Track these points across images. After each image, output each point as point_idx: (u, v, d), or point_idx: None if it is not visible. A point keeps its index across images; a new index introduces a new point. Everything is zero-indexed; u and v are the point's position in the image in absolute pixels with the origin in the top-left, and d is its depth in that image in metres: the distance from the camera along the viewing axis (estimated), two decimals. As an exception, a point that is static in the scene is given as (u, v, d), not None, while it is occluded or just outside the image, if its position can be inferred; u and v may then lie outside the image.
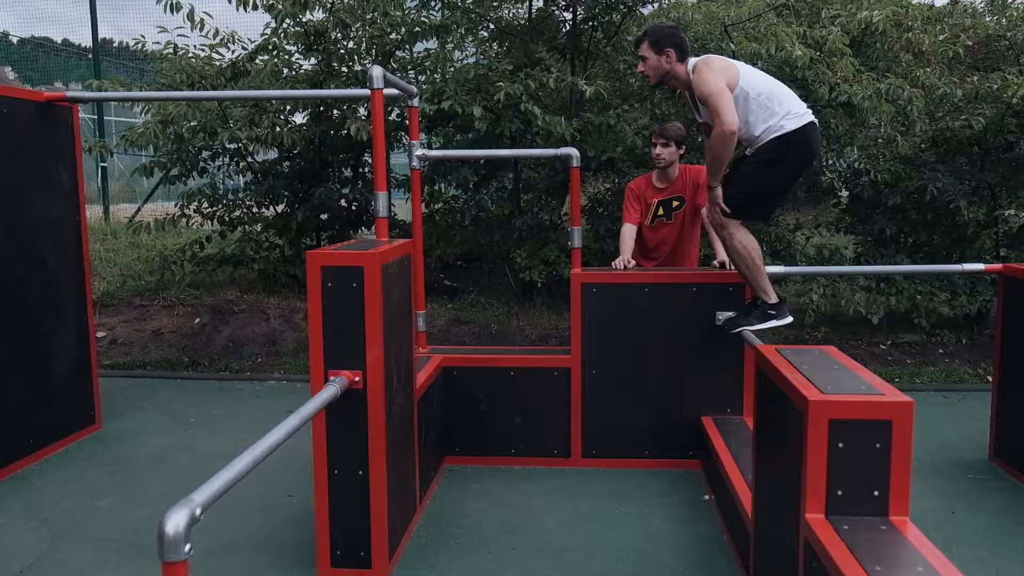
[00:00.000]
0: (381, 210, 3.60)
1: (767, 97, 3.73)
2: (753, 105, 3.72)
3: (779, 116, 3.73)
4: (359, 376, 3.05)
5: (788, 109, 3.75)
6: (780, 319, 3.92)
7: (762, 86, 3.78)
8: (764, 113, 3.72)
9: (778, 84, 3.87)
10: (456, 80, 6.03)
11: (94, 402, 5.02)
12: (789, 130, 3.71)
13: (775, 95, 3.76)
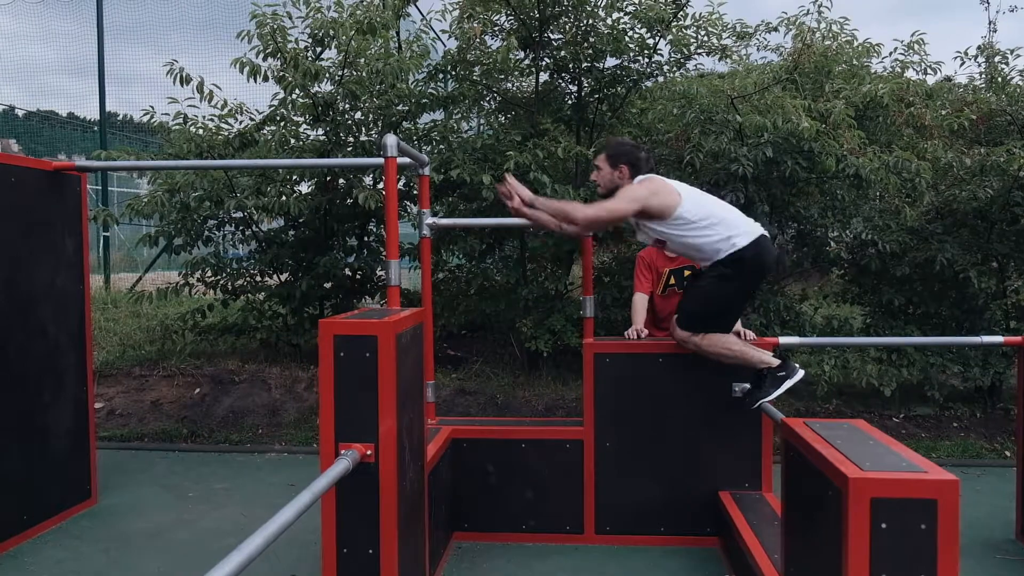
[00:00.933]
0: (393, 278, 3.55)
1: (714, 219, 3.77)
2: (698, 230, 3.76)
3: (727, 236, 3.75)
4: (371, 449, 2.94)
5: (737, 227, 3.78)
6: (793, 376, 3.86)
7: (706, 209, 3.81)
8: (711, 235, 3.75)
9: (723, 205, 3.92)
10: (464, 150, 6.06)
11: (90, 476, 4.87)
12: (741, 247, 3.74)
13: (720, 216, 3.80)
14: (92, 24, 10.84)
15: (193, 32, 11.16)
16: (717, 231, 3.76)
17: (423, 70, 6.67)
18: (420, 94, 6.44)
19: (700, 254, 3.85)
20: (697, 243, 3.79)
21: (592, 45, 6.43)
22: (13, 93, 16.91)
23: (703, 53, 6.97)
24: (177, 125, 6.56)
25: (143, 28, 10.41)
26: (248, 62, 6.12)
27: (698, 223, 3.76)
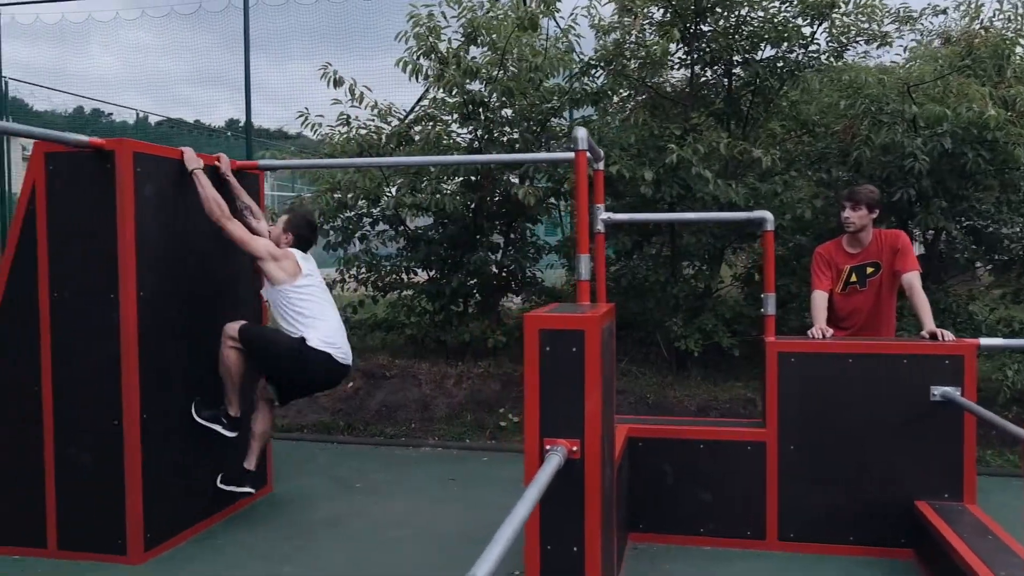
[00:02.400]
0: (584, 273, 3.50)
1: None
2: None
3: None
4: (577, 445, 2.91)
5: None
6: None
7: None
8: None
9: None
10: (619, 145, 5.98)
11: (266, 464, 5.05)
12: None
13: None
14: (219, 36, 11.29)
15: (312, 40, 11.51)
16: None
17: (573, 66, 6.63)
18: (574, 90, 6.40)
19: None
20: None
21: (748, 35, 6.22)
22: (145, 103, 17.85)
23: (862, 41, 6.65)
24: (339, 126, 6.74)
25: (264, 39, 10.79)
26: (411, 61, 6.23)
27: None
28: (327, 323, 4.27)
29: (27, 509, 3.98)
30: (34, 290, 3.94)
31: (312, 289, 4.28)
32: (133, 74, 15.73)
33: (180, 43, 13.87)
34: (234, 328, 4.22)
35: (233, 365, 4.24)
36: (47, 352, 3.95)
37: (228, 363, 4.23)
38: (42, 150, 3.91)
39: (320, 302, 4.30)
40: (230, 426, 4.36)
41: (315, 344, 4.17)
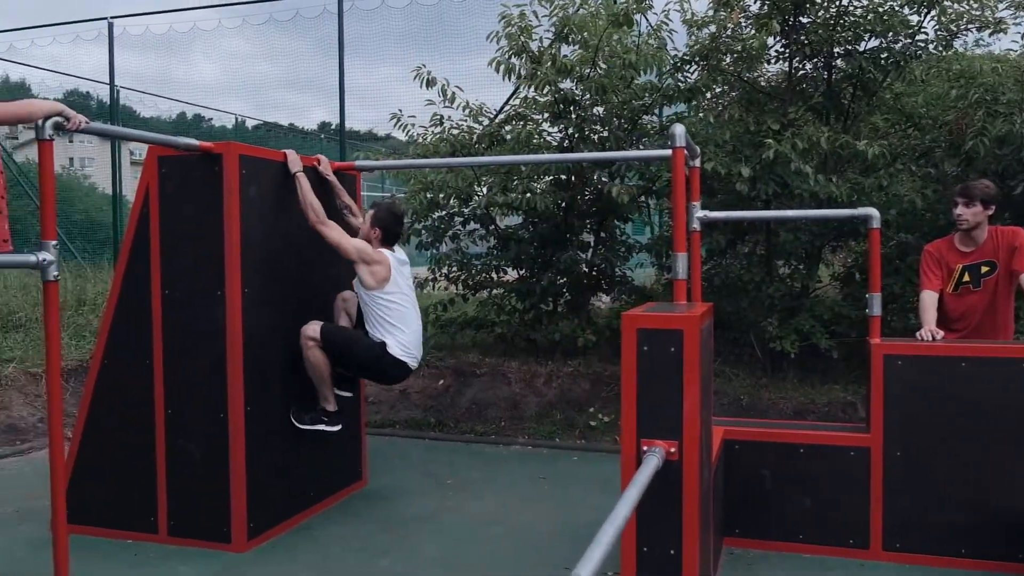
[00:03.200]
0: (680, 272, 3.45)
1: None
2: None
3: None
4: (675, 447, 2.86)
5: None
6: None
7: None
8: None
9: None
10: (715, 142, 5.86)
11: (361, 459, 5.16)
12: None
13: None
14: (313, 41, 11.57)
15: (401, 44, 11.69)
16: None
17: (666, 63, 6.53)
18: (667, 87, 6.31)
19: None
20: None
21: (850, 26, 6.00)
22: (241, 107, 18.46)
23: (973, 28, 6.32)
24: (432, 126, 6.84)
25: (356, 43, 11.01)
26: (504, 61, 6.27)
27: None
28: (409, 332, 4.39)
29: (140, 496, 4.18)
30: (147, 289, 4.13)
31: (399, 297, 4.36)
32: (232, 80, 16.34)
33: (276, 49, 14.34)
34: (314, 329, 4.31)
35: (320, 364, 4.34)
36: (159, 347, 4.13)
37: (314, 362, 4.33)
38: (155, 154, 4.09)
39: (405, 310, 4.39)
40: (331, 422, 4.48)
41: (395, 352, 4.33)
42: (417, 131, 7.28)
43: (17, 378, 6.73)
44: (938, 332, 4.04)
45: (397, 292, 4.35)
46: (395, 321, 4.34)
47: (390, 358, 4.32)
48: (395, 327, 4.33)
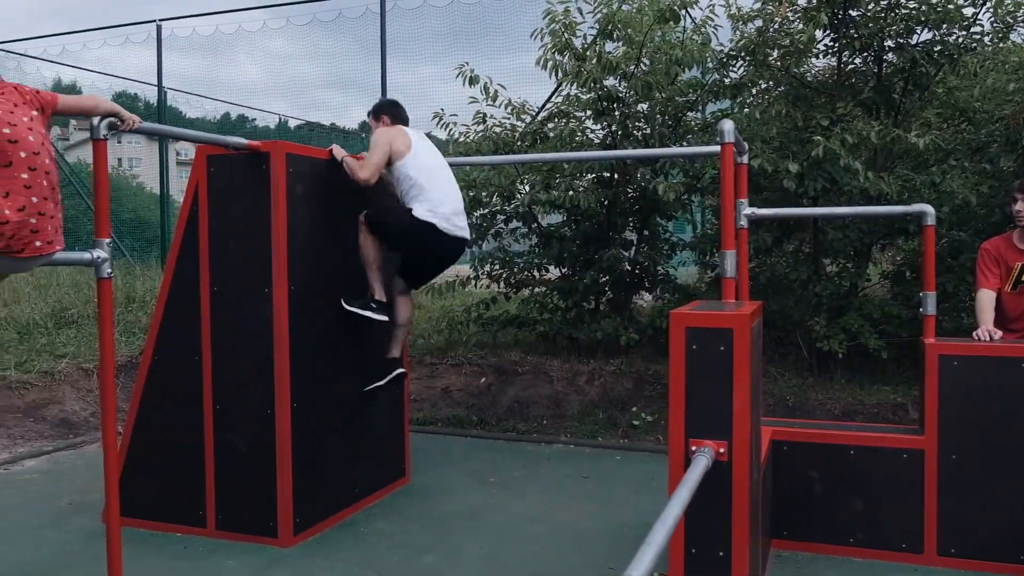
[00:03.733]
0: (729, 270, 3.40)
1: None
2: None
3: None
4: (724, 447, 2.81)
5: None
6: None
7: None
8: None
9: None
10: (761, 138, 5.77)
11: (404, 456, 5.18)
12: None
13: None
14: (355, 41, 11.65)
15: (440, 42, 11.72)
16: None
17: (712, 58, 6.45)
18: (713, 83, 6.23)
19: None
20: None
21: (902, 19, 5.87)
22: (284, 107, 18.69)
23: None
24: (474, 124, 6.85)
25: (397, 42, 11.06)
26: (551, 58, 6.24)
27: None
28: (435, 194, 4.40)
29: (189, 491, 4.24)
30: (196, 286, 4.19)
31: (418, 165, 4.41)
32: (274, 81, 16.55)
33: (319, 49, 14.45)
34: (365, 212, 4.44)
35: (368, 249, 4.42)
36: (207, 344, 4.19)
37: (364, 248, 4.43)
38: (204, 153, 4.14)
39: (428, 177, 4.42)
40: (379, 310, 4.47)
41: (420, 215, 4.34)
42: (459, 130, 7.30)
43: (70, 373, 6.89)
44: (996, 332, 3.94)
45: (417, 161, 4.41)
46: (419, 183, 4.37)
47: (417, 222, 4.33)
48: (420, 189, 4.37)
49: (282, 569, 3.84)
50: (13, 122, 2.53)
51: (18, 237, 2.53)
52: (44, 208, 2.59)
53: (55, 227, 2.66)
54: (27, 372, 6.66)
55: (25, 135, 2.55)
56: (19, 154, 2.52)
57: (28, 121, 2.60)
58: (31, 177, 2.54)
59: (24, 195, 2.53)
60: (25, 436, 6.11)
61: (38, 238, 2.59)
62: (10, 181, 2.50)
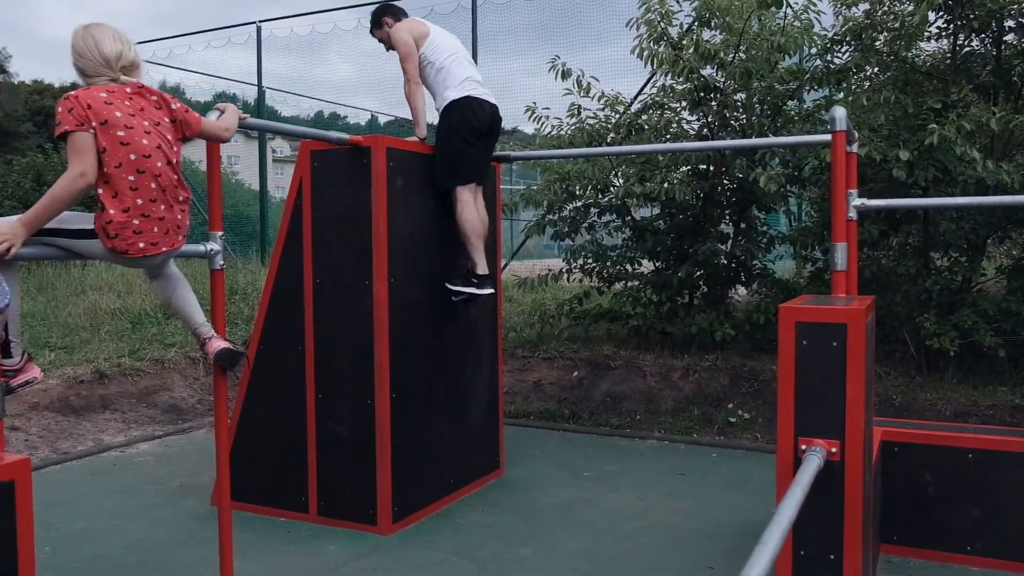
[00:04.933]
0: (840, 263, 3.27)
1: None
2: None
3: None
4: (836, 447, 2.71)
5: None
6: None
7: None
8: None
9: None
10: (869, 126, 5.53)
11: (499, 448, 5.20)
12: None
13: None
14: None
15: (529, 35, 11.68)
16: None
17: (814, 44, 6.23)
18: (815, 70, 6.02)
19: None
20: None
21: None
22: (374, 104, 19.00)
23: None
24: (568, 117, 6.81)
25: (487, 36, 11.08)
26: (647, 47, 6.15)
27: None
28: (460, 70, 4.48)
29: (293, 477, 4.36)
30: (299, 278, 4.30)
31: (440, 44, 4.50)
32: (365, 78, 16.85)
33: (409, 46, 14.63)
34: (440, 178, 4.47)
35: (466, 221, 4.44)
36: (310, 334, 4.29)
37: (461, 220, 4.44)
38: (308, 148, 4.24)
39: (449, 53, 4.50)
40: (481, 284, 4.48)
41: (456, 95, 4.42)
42: (554, 122, 7.28)
43: (179, 361, 7.19)
44: None
45: (436, 44, 4.49)
46: (446, 69, 4.45)
47: (456, 104, 4.41)
48: (448, 76, 4.45)
49: (383, 556, 3.91)
50: (131, 125, 2.62)
51: (122, 237, 2.61)
52: (149, 210, 2.66)
53: (164, 229, 2.72)
54: (140, 360, 6.98)
55: (139, 138, 2.63)
56: (129, 156, 2.60)
57: (148, 125, 2.68)
58: (138, 179, 2.63)
59: (130, 196, 2.62)
60: (139, 421, 6.41)
61: (141, 239, 2.66)
62: (120, 182, 2.60)
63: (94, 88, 2.65)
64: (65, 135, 2.54)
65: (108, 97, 2.63)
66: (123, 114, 2.62)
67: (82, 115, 2.54)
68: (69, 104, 2.55)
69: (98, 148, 2.57)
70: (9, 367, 2.69)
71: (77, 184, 2.53)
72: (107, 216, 2.60)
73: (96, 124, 2.56)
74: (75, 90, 2.62)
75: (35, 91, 40.49)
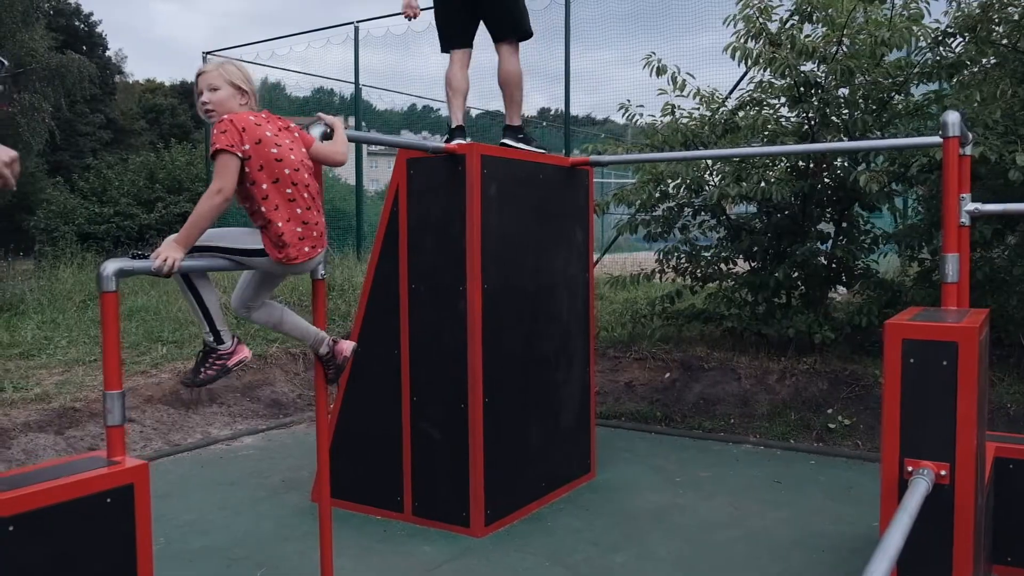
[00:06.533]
0: (951, 275, 3.13)
1: None
2: None
3: None
4: (946, 470, 2.60)
5: None
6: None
7: None
8: None
9: None
10: (984, 123, 5.25)
11: (590, 451, 5.20)
12: None
13: None
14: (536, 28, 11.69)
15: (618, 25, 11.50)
16: None
17: (925, 36, 5.94)
18: (925, 63, 5.74)
19: None
20: None
21: None
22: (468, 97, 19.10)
23: None
24: (663, 116, 6.73)
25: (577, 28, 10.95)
26: (740, 47, 6.01)
27: None
28: None
29: (388, 477, 4.47)
30: (396, 283, 4.40)
31: None
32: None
33: (499, 38, 14.68)
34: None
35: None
36: (405, 339, 4.39)
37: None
38: (404, 156, 4.33)
39: None
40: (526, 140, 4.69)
41: None
42: (644, 119, 7.19)
43: (279, 357, 7.47)
44: None
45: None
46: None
47: None
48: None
49: (476, 558, 3.97)
50: (279, 143, 2.89)
51: (291, 245, 2.86)
52: (306, 217, 2.91)
53: (319, 232, 2.98)
54: (244, 355, 7.27)
55: (288, 154, 2.89)
56: (284, 171, 2.86)
57: (290, 143, 2.94)
58: (294, 191, 2.87)
59: (289, 207, 2.85)
60: (243, 415, 6.69)
61: (305, 244, 2.91)
62: (279, 196, 2.84)
63: (244, 113, 2.88)
64: (216, 153, 2.74)
65: (256, 119, 2.87)
66: (272, 133, 2.88)
67: (235, 138, 2.75)
68: (224, 127, 2.77)
69: (255, 167, 2.79)
70: (224, 351, 2.97)
71: (215, 200, 2.73)
72: (276, 229, 2.82)
73: (251, 144, 2.77)
74: (229, 114, 2.84)
75: (148, 90, 42.68)
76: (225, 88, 2.91)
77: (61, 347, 7.60)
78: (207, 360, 2.96)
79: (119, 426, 2.57)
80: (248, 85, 2.97)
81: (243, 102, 2.94)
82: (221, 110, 2.91)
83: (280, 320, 3.25)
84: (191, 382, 2.99)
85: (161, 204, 18.36)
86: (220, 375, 2.96)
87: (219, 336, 2.95)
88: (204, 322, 2.93)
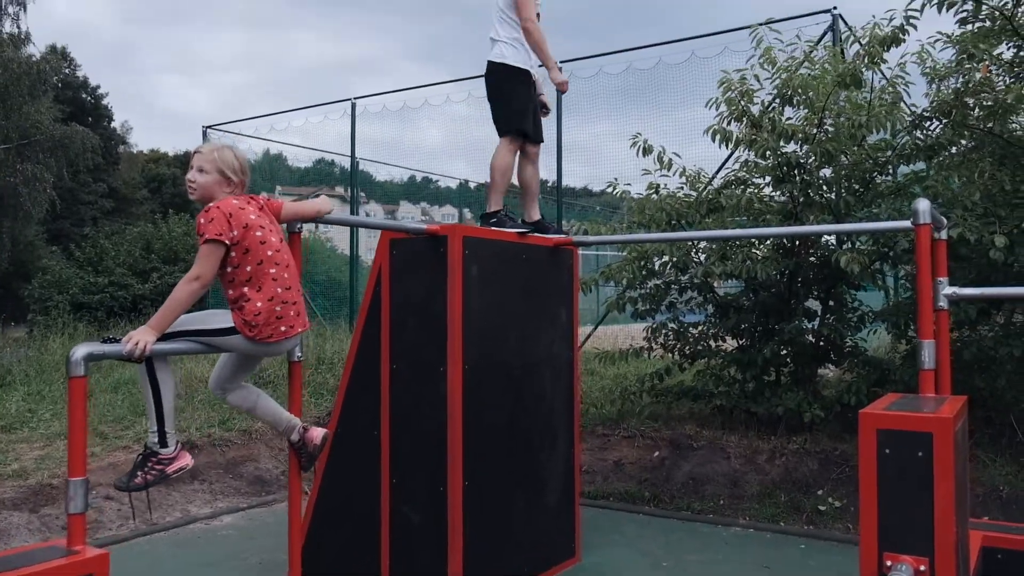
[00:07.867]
0: (927, 362, 3.12)
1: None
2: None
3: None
4: (925, 565, 2.54)
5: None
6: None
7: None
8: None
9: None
10: (962, 205, 5.31)
11: (575, 534, 5.09)
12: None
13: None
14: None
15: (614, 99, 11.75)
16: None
17: (903, 118, 6.07)
18: (903, 145, 5.85)
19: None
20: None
21: None
22: (466, 169, 19.39)
23: None
24: (649, 193, 6.81)
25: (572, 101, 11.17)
26: (720, 130, 6.14)
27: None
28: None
29: (368, 559, 4.36)
30: (376, 363, 4.38)
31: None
32: (455, 143, 17.33)
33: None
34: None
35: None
36: (386, 419, 4.34)
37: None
38: (387, 237, 4.36)
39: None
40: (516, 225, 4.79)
41: (515, 62, 4.96)
42: (635, 196, 7.27)
43: (264, 432, 7.38)
44: None
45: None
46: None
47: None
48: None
49: (452, 650, 3.85)
50: (262, 224, 2.97)
51: (267, 324, 2.89)
52: (287, 297, 2.97)
53: (296, 311, 3.02)
54: (228, 430, 7.20)
55: (270, 236, 2.97)
56: (267, 252, 2.93)
57: (270, 223, 3.01)
58: (277, 271, 2.93)
59: (271, 286, 2.90)
60: (224, 492, 6.58)
61: (283, 323, 2.95)
62: (262, 276, 2.89)
63: (228, 199, 2.93)
64: (206, 241, 2.80)
65: (240, 203, 2.93)
66: (256, 216, 2.92)
67: (223, 225, 2.81)
68: (211, 215, 2.83)
69: (240, 251, 2.84)
70: (166, 456, 2.90)
71: (192, 286, 2.78)
72: (253, 308, 2.85)
73: (239, 230, 2.83)
74: (216, 203, 2.89)
75: (151, 159, 43.33)
76: (213, 174, 2.96)
77: (44, 420, 7.52)
78: (146, 464, 2.87)
79: (81, 514, 2.53)
80: (238, 176, 3.00)
81: (228, 190, 2.98)
82: (202, 192, 2.96)
83: (255, 405, 3.22)
84: (124, 487, 2.87)
85: (156, 274, 18.41)
86: (157, 481, 2.86)
87: (164, 439, 2.88)
88: (155, 420, 2.86)
